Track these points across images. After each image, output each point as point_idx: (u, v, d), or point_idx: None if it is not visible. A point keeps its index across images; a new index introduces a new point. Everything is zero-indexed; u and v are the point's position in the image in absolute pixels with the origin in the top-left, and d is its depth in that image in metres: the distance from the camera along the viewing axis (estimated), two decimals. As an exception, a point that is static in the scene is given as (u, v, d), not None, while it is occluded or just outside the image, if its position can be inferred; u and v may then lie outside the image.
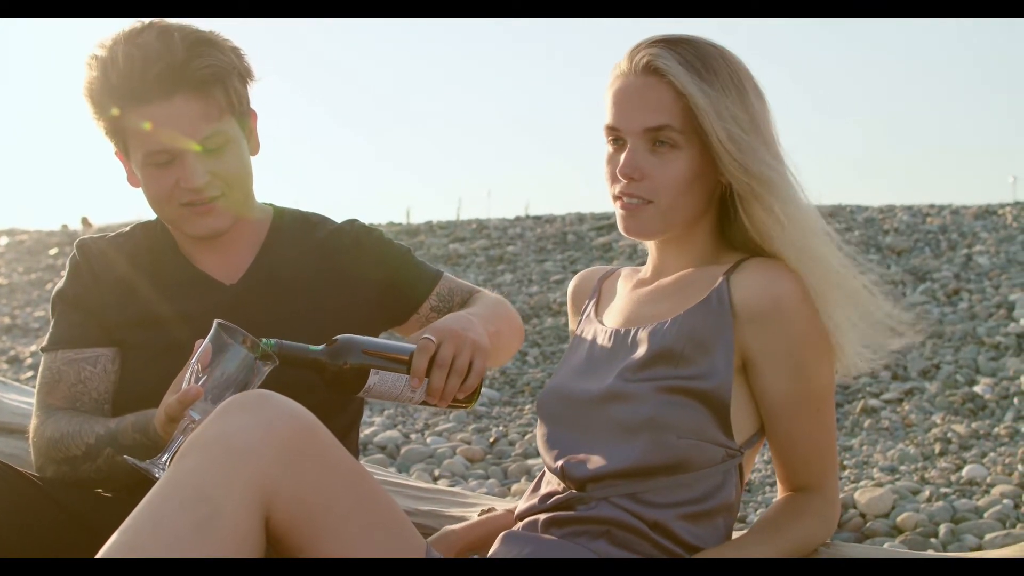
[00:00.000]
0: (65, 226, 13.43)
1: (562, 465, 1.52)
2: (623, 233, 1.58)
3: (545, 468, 1.61)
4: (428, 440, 4.31)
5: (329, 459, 1.38)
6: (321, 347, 1.56)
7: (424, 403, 1.61)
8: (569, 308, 1.83)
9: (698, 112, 1.48)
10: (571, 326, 1.82)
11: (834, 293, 1.48)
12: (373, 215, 12.84)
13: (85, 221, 13.61)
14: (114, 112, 1.75)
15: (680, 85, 1.48)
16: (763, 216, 1.50)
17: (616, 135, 1.55)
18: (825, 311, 1.48)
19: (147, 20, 1.77)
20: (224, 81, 1.76)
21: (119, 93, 1.73)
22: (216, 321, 1.49)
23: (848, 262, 1.51)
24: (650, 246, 1.66)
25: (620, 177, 1.54)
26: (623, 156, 1.53)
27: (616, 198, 1.57)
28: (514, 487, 3.62)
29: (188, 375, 1.48)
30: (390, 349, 1.58)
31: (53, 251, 10.43)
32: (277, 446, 1.32)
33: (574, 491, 1.51)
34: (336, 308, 1.88)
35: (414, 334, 1.63)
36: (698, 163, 1.52)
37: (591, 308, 1.72)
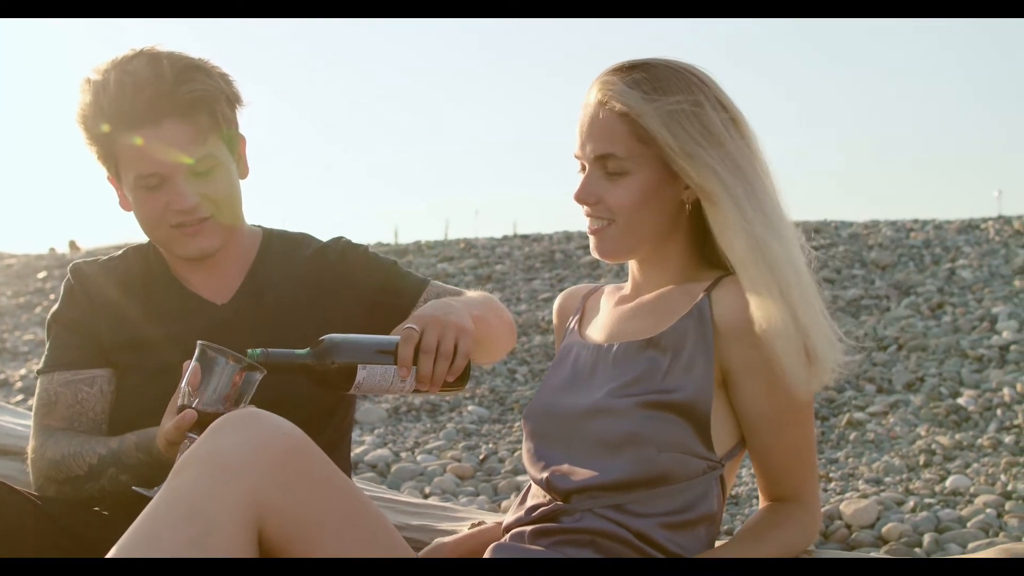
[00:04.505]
0: (53, 249, 13.43)
1: (547, 477, 1.56)
2: (595, 256, 1.64)
3: (531, 481, 1.65)
4: (418, 458, 4.33)
5: (320, 475, 1.41)
6: (307, 350, 1.58)
7: (416, 391, 1.62)
8: (555, 325, 1.87)
9: (644, 123, 1.53)
10: (556, 343, 1.85)
11: (800, 309, 1.50)
12: (361, 234, 12.91)
13: (73, 244, 13.60)
14: (105, 135, 1.80)
15: (625, 106, 1.54)
16: (721, 224, 1.53)
17: (580, 162, 1.62)
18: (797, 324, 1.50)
19: (139, 47, 1.81)
20: (212, 106, 1.80)
21: (110, 118, 1.77)
22: (199, 342, 1.51)
23: (812, 283, 1.53)
24: (631, 265, 1.70)
25: (576, 202, 1.61)
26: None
27: (587, 220, 1.63)
28: (504, 503, 3.64)
29: (180, 397, 1.51)
30: (375, 343, 1.61)
31: (41, 275, 10.42)
32: (268, 463, 1.35)
33: (559, 503, 1.54)
34: (326, 322, 1.90)
35: (397, 327, 1.66)
36: (653, 182, 1.57)
37: (575, 324, 1.76)
